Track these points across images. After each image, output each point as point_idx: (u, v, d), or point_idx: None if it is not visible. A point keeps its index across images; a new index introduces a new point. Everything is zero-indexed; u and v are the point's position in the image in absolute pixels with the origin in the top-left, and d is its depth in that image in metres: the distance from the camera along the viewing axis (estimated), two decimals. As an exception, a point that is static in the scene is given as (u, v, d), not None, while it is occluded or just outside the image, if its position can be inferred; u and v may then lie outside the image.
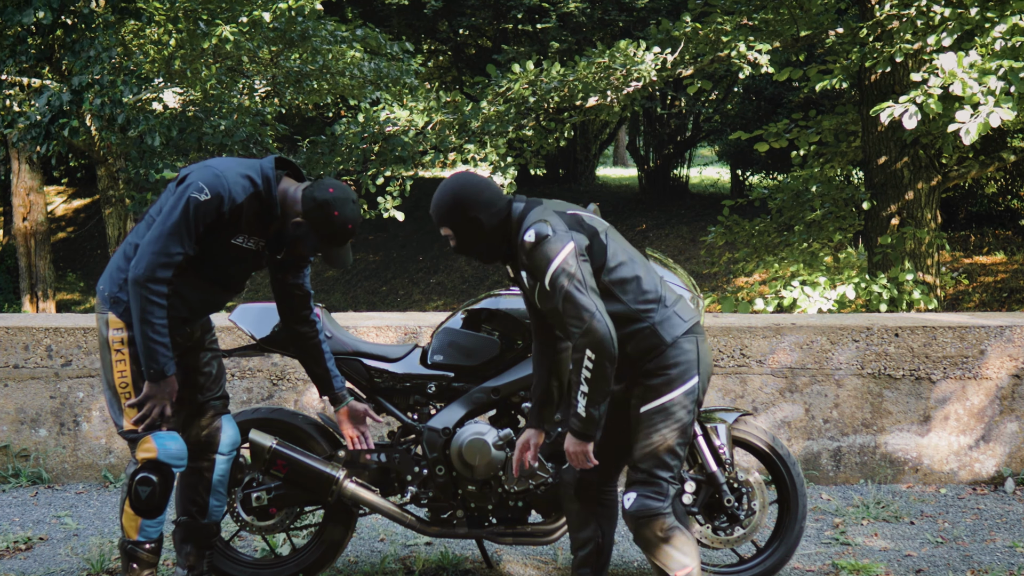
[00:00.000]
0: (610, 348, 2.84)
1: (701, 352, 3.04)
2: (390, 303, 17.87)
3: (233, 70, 12.04)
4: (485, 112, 10.25)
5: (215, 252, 3.20)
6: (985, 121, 6.76)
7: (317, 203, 3.14)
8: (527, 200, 3.07)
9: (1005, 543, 4.25)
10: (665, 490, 3.00)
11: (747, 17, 10.03)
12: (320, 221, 3.15)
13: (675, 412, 2.98)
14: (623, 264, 3.00)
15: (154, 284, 3.08)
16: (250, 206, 3.16)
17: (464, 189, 3.04)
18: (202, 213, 3.10)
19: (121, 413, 3.21)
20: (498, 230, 3.04)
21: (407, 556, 4.07)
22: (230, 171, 3.15)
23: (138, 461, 3.21)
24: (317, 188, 3.16)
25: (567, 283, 2.86)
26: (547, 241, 2.89)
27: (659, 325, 2.99)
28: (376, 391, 3.66)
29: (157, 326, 3.09)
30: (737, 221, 10.84)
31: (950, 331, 4.98)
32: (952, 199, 15.04)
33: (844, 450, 5.02)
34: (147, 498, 3.19)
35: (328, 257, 3.25)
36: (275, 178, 3.20)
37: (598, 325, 2.83)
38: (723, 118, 18.54)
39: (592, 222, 3.03)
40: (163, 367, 3.13)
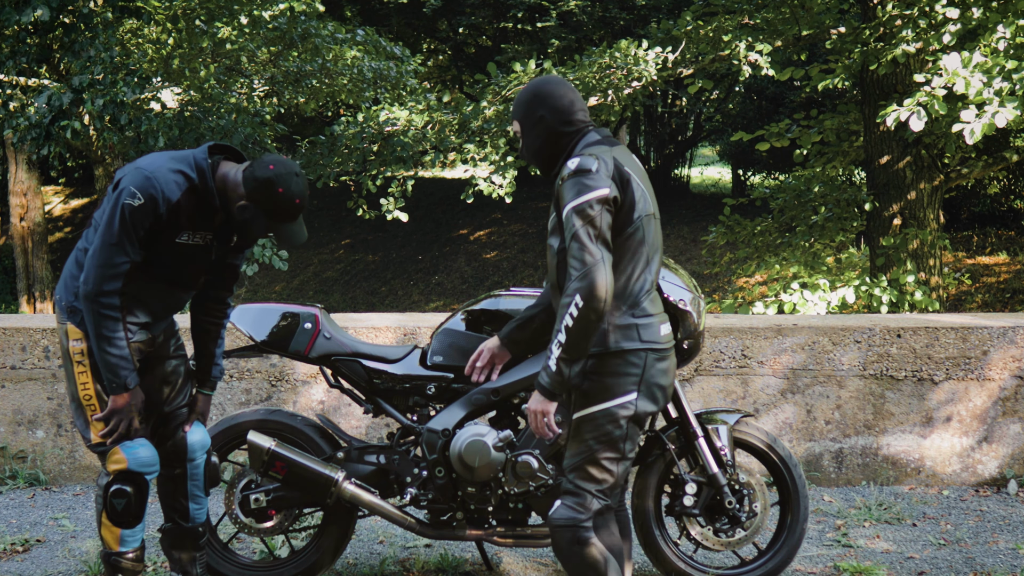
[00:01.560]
0: (600, 300, 2.67)
1: (649, 373, 2.82)
2: (389, 304, 17.85)
3: (232, 70, 12.03)
4: (485, 112, 10.22)
5: (163, 253, 3.11)
6: (990, 121, 6.74)
7: (259, 183, 3.02)
8: (606, 137, 2.89)
9: (1008, 545, 4.23)
10: (587, 503, 2.85)
11: (748, 16, 10.01)
12: (265, 201, 3.03)
13: (603, 425, 2.81)
14: (629, 251, 2.82)
15: (104, 298, 3.01)
16: (188, 201, 3.06)
17: (545, 87, 2.91)
18: (138, 218, 3.00)
19: (88, 426, 3.15)
20: (560, 142, 2.89)
21: (407, 558, 4.05)
22: (160, 170, 3.03)
23: (109, 473, 3.16)
24: (257, 167, 3.05)
25: (581, 223, 2.70)
26: (585, 176, 2.72)
27: (613, 328, 2.80)
28: (375, 392, 3.63)
29: (114, 339, 3.03)
30: (738, 221, 10.82)
31: (952, 332, 4.96)
32: (955, 199, 15.03)
33: (846, 451, 5.00)
34: (123, 510, 3.15)
35: (281, 236, 3.12)
36: (210, 167, 3.09)
37: (598, 273, 2.67)
38: (724, 118, 18.54)
39: (644, 203, 2.84)
40: (125, 380, 3.06)
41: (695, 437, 3.55)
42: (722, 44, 9.88)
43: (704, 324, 3.59)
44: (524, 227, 19.29)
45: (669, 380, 2.89)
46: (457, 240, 19.75)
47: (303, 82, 12.02)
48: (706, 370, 4.95)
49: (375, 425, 4.98)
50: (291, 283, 19.73)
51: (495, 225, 19.70)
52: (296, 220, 3.11)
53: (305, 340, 3.61)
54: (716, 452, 3.55)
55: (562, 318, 2.71)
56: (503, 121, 10.27)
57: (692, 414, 3.57)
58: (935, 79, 7.27)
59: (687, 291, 3.53)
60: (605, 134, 2.90)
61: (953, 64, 7.03)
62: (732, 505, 3.52)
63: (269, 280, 19.66)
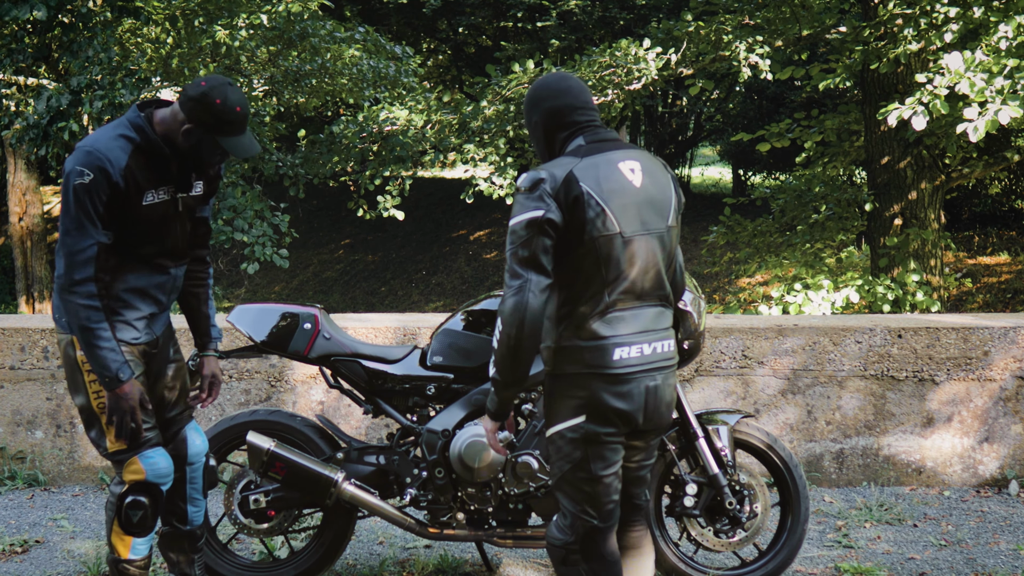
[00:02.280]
0: (520, 324, 2.58)
1: (598, 398, 2.67)
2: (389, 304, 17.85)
3: (231, 69, 12.02)
4: (485, 112, 10.21)
5: (136, 223, 3.04)
6: (993, 118, 6.73)
7: (195, 101, 2.97)
8: (592, 143, 2.74)
9: (1009, 546, 4.22)
10: (575, 526, 2.76)
11: (749, 16, 10.00)
12: (206, 116, 2.97)
13: (563, 447, 2.72)
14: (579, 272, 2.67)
15: (79, 287, 2.95)
16: (138, 162, 3.00)
17: (539, 90, 2.82)
18: (93, 194, 2.93)
19: (103, 434, 3.10)
20: (554, 145, 2.81)
21: (406, 559, 4.04)
22: (100, 141, 2.98)
23: (124, 482, 3.13)
24: (190, 89, 3.02)
25: (513, 245, 2.63)
26: (525, 195, 2.65)
27: (558, 350, 2.70)
28: (375, 393, 3.63)
29: (98, 330, 2.97)
30: (739, 221, 10.82)
31: (953, 332, 4.95)
32: (956, 199, 15.03)
33: (847, 452, 4.99)
34: (139, 521, 3.12)
35: (233, 150, 3.06)
36: (145, 119, 3.05)
37: (521, 298, 2.58)
38: (725, 117, 18.53)
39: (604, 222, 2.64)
40: (117, 372, 2.99)
41: (695, 438, 3.54)
42: (722, 44, 9.87)
43: (704, 324, 3.58)
44: (524, 227, 19.24)
45: (632, 404, 2.69)
46: (457, 240, 19.75)
47: (302, 81, 12.01)
48: (707, 370, 4.94)
49: (375, 426, 4.97)
50: (290, 283, 19.72)
51: (495, 225, 19.69)
52: (243, 132, 3.06)
53: (304, 340, 3.60)
54: (717, 453, 3.54)
55: (492, 339, 2.68)
56: (503, 121, 10.26)
57: (692, 415, 3.56)
58: (937, 78, 7.25)
59: (687, 291, 3.52)
60: (597, 137, 2.77)
61: (955, 63, 7.02)
62: (733, 506, 3.51)
63: (268, 280, 19.66)
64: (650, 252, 2.72)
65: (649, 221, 2.72)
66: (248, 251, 10.14)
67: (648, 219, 2.72)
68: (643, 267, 2.71)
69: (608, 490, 2.75)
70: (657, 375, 2.74)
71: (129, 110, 3.09)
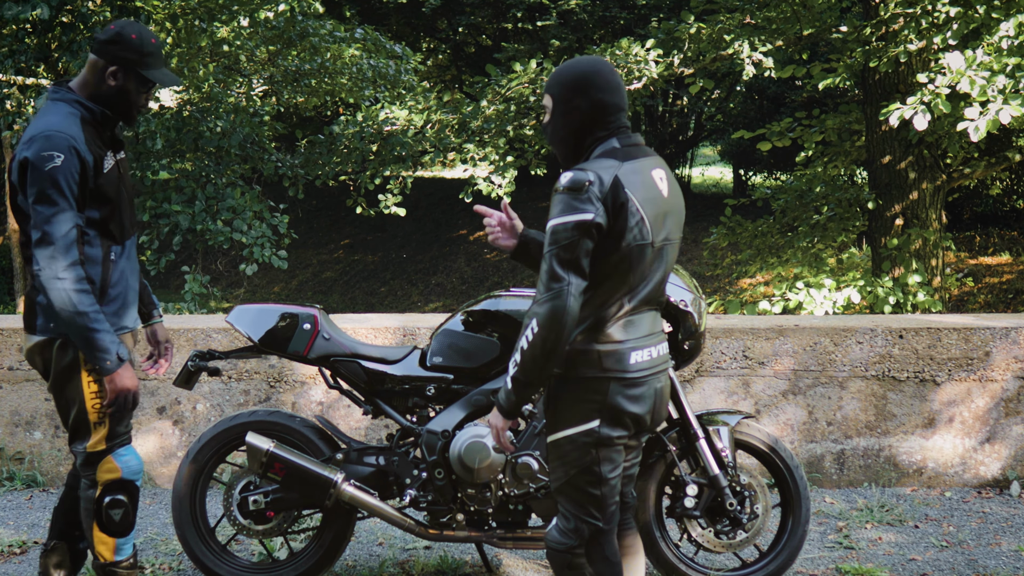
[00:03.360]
0: (558, 329, 2.54)
1: (613, 401, 2.65)
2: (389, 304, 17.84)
3: (230, 69, 12.01)
4: (485, 111, 10.20)
5: (102, 195, 3.04)
6: (995, 118, 6.72)
7: (112, 42, 3.03)
8: (627, 146, 2.68)
9: (1011, 547, 4.20)
10: (577, 528, 2.74)
11: (750, 15, 9.98)
12: (128, 52, 3.03)
13: (571, 452, 2.69)
14: (606, 278, 2.63)
15: (68, 271, 2.92)
16: (88, 131, 3.03)
17: (596, 76, 2.68)
18: (70, 174, 2.93)
19: (90, 432, 3.07)
20: (586, 140, 2.70)
21: (406, 560, 4.03)
22: (54, 123, 2.97)
23: (99, 483, 3.10)
24: (102, 36, 3.06)
25: (556, 245, 2.56)
26: (573, 195, 2.56)
27: (575, 353, 2.66)
28: (375, 393, 3.61)
29: (91, 314, 2.94)
30: (740, 222, 10.80)
31: (955, 333, 4.94)
32: (957, 200, 15.02)
33: (848, 453, 4.98)
34: (120, 519, 3.11)
35: (161, 80, 3.09)
36: (71, 92, 3.06)
37: (560, 301, 2.53)
38: (725, 117, 18.52)
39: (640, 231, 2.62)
40: (118, 351, 2.98)
41: (696, 438, 3.53)
42: (724, 44, 9.85)
43: (705, 325, 3.57)
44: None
45: (644, 407, 2.70)
46: (457, 240, 19.74)
47: (302, 81, 12.00)
48: (707, 371, 4.93)
49: (374, 426, 4.96)
50: (290, 284, 19.72)
51: (495, 225, 19.64)
52: (163, 64, 3.12)
53: (304, 341, 3.59)
54: (717, 453, 3.52)
55: (521, 337, 2.60)
56: (503, 121, 10.24)
57: (693, 415, 3.55)
58: (938, 78, 7.24)
59: (688, 292, 3.52)
60: (627, 142, 2.70)
61: (957, 63, 7.01)
62: (733, 507, 3.50)
63: (268, 281, 19.65)
64: (668, 262, 2.75)
65: (671, 232, 2.74)
66: (247, 252, 10.13)
67: (671, 229, 2.74)
68: (662, 275, 2.73)
69: (613, 492, 2.75)
70: (661, 377, 2.77)
71: (48, 95, 3.11)
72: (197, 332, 4.87)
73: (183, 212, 9.69)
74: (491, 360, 3.52)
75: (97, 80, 3.08)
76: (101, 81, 3.08)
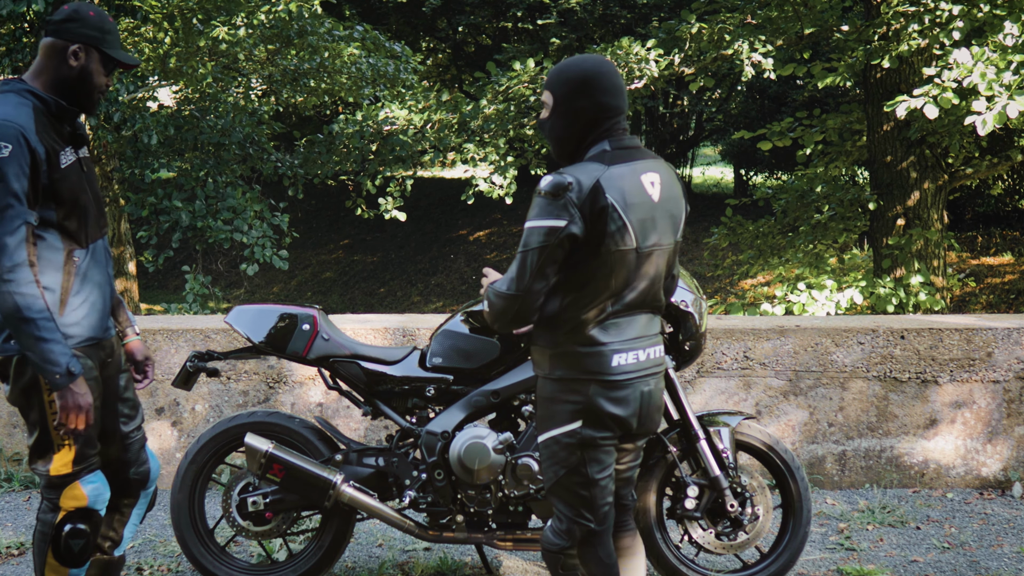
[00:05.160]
0: (508, 325, 2.66)
1: (594, 403, 2.66)
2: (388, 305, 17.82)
3: (229, 68, 12.00)
4: (485, 111, 10.18)
5: (58, 193, 2.79)
6: (1001, 112, 6.71)
7: (71, 20, 2.84)
8: (618, 148, 2.66)
9: (1013, 548, 4.19)
10: (570, 530, 2.76)
11: (751, 15, 9.96)
12: (88, 29, 2.84)
13: (557, 452, 2.71)
14: (587, 282, 2.63)
15: (14, 273, 2.67)
16: (42, 123, 2.79)
17: (600, 78, 2.66)
18: (17, 164, 2.68)
19: (52, 456, 2.84)
20: (586, 139, 2.69)
21: (405, 561, 4.01)
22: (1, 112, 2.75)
23: (61, 508, 2.87)
24: (57, 16, 2.86)
25: (528, 247, 2.60)
26: (551, 200, 2.57)
27: (556, 355, 2.69)
28: (374, 394, 3.60)
29: (40, 320, 2.67)
30: (740, 222, 10.79)
31: (957, 333, 4.92)
32: (959, 199, 14.99)
33: (849, 454, 4.96)
34: (80, 550, 2.87)
35: (124, 60, 2.92)
36: (22, 82, 2.85)
37: (515, 304, 2.61)
38: (726, 117, 18.51)
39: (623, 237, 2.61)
40: (68, 366, 2.71)
41: (697, 439, 3.52)
42: (724, 43, 9.83)
43: (706, 325, 3.56)
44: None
45: (627, 410, 2.69)
46: (457, 241, 19.72)
47: (301, 80, 11.99)
48: (708, 371, 4.91)
49: (374, 427, 4.94)
50: (289, 284, 19.70)
51: (495, 225, 19.67)
52: (120, 44, 2.95)
53: (303, 341, 3.57)
54: (718, 454, 3.51)
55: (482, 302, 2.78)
56: (503, 120, 10.22)
57: (694, 416, 3.53)
58: (945, 72, 7.22)
59: (689, 292, 3.50)
60: (622, 144, 2.68)
61: (963, 58, 7.00)
62: (734, 508, 3.48)
63: (267, 281, 19.64)
64: (658, 266, 2.72)
65: (663, 236, 2.70)
66: (248, 252, 10.11)
67: (662, 234, 2.70)
68: (650, 281, 2.70)
69: (603, 493, 2.76)
70: (650, 380, 2.75)
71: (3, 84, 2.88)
72: (196, 332, 4.85)
73: (184, 208, 9.68)
74: (491, 361, 3.50)
75: (56, 64, 2.86)
76: (61, 63, 2.85)
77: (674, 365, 3.50)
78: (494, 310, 2.67)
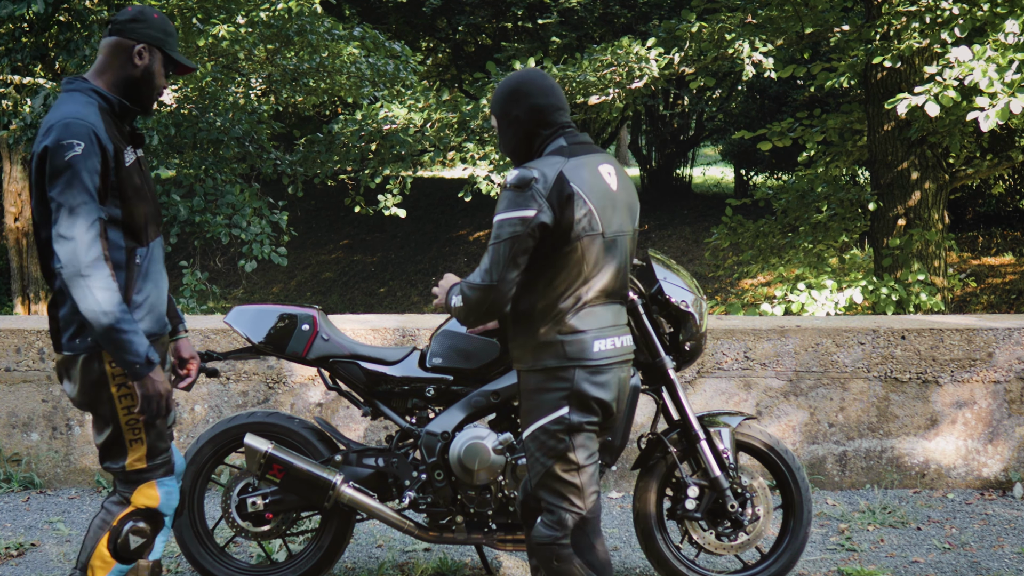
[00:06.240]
0: (481, 318, 2.78)
1: (580, 388, 2.77)
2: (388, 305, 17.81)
3: (229, 68, 11.99)
4: (484, 110, 10.17)
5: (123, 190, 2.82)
6: (1005, 108, 6.69)
7: (137, 21, 2.87)
8: (574, 143, 2.82)
9: (1013, 549, 4.18)
10: (561, 519, 2.83)
11: (751, 14, 9.95)
12: (154, 31, 2.88)
13: (546, 441, 2.80)
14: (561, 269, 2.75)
15: (93, 267, 2.69)
16: (105, 120, 2.82)
17: (524, 85, 2.85)
18: (91, 164, 2.72)
19: (126, 452, 2.86)
20: (533, 142, 2.85)
21: (405, 562, 4.01)
22: (72, 111, 2.78)
23: (127, 502, 2.90)
24: (122, 16, 2.89)
25: (499, 239, 2.72)
26: (518, 192, 2.71)
27: (538, 346, 2.78)
28: (374, 394, 3.59)
29: (119, 314, 2.70)
30: (741, 222, 10.78)
31: (957, 333, 4.91)
32: (959, 199, 14.97)
33: (850, 454, 4.95)
34: (136, 549, 2.90)
35: (185, 62, 2.97)
36: (86, 81, 2.87)
37: (489, 295, 2.73)
38: (726, 117, 18.48)
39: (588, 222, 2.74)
40: (147, 354, 2.74)
41: (697, 440, 3.51)
42: (724, 43, 9.82)
43: (706, 326, 3.55)
44: (524, 227, 19.22)
45: (610, 394, 2.81)
46: (457, 240, 19.71)
47: (300, 80, 11.98)
48: (708, 372, 4.90)
49: (374, 428, 4.93)
50: (288, 284, 19.68)
51: (495, 225, 19.62)
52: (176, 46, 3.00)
53: (303, 342, 3.56)
54: (718, 455, 3.50)
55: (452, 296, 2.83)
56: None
57: (694, 417, 3.53)
58: (946, 71, 7.21)
59: (689, 292, 3.50)
60: (574, 140, 2.84)
61: (964, 56, 6.99)
62: (735, 509, 3.48)
63: (267, 281, 19.62)
64: (622, 253, 2.87)
65: (623, 224, 2.87)
66: (246, 249, 10.10)
67: (623, 222, 2.86)
68: (616, 267, 2.84)
69: (592, 480, 2.86)
70: (624, 367, 2.89)
71: (63, 85, 2.91)
72: (195, 333, 4.84)
73: (182, 202, 9.67)
74: (491, 361, 3.49)
75: (121, 63, 2.89)
76: (126, 63, 2.88)
77: (674, 365, 3.49)
78: (468, 304, 2.78)
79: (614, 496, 4.86)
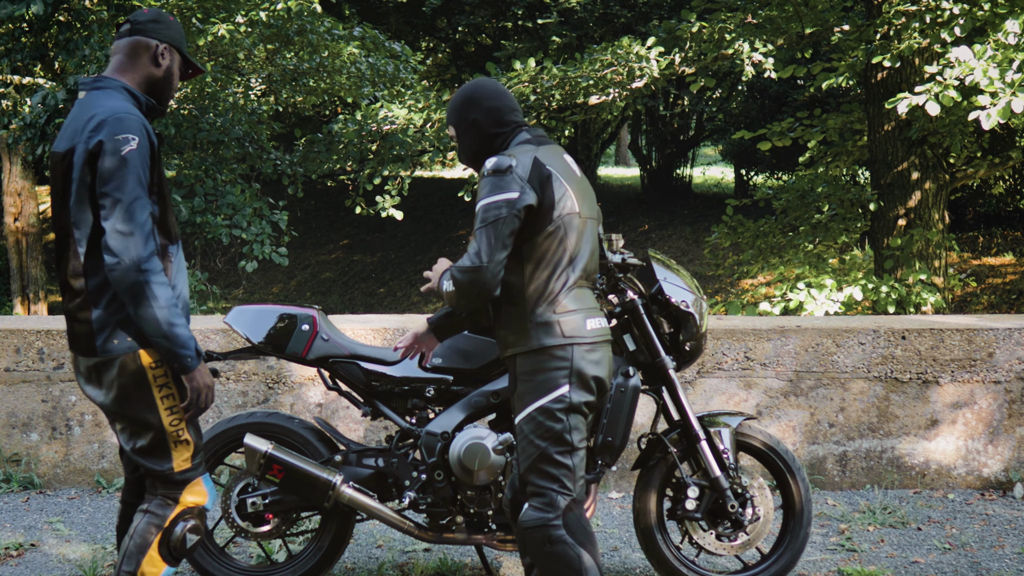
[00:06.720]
0: (473, 301, 2.85)
1: (579, 365, 2.87)
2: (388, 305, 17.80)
3: (228, 68, 11.99)
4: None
5: (162, 190, 2.85)
6: (1006, 106, 6.69)
7: (157, 22, 2.90)
8: (536, 136, 2.98)
9: (1014, 549, 4.18)
10: (553, 500, 2.89)
11: (751, 14, 9.94)
12: (174, 32, 2.93)
13: (544, 422, 2.88)
14: (548, 250, 2.87)
15: (148, 263, 2.69)
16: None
17: (477, 91, 3.01)
18: (145, 158, 2.74)
19: (171, 454, 2.84)
20: (493, 143, 2.99)
21: (405, 562, 4.00)
22: (120, 107, 2.77)
23: (174, 502, 2.87)
24: (142, 16, 2.92)
25: (486, 222, 2.81)
26: (499, 176, 2.83)
27: (535, 326, 2.88)
28: (374, 395, 3.59)
29: (172, 308, 2.72)
30: (741, 222, 10.77)
31: (958, 333, 4.90)
32: (960, 199, 14.96)
33: (850, 455, 4.94)
34: (191, 548, 2.89)
35: (201, 65, 3.02)
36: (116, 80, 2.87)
37: (480, 276, 2.80)
38: (727, 117, 18.47)
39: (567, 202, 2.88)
40: (196, 347, 2.78)
41: (697, 440, 3.50)
42: (725, 43, 9.81)
43: (706, 326, 3.54)
44: (525, 227, 19.22)
45: (604, 371, 2.94)
46: (456, 241, 19.70)
47: (300, 80, 11.98)
48: (708, 372, 4.89)
49: (373, 428, 4.93)
50: (288, 284, 19.68)
51: (495, 225, 19.60)
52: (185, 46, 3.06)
53: (303, 342, 3.56)
54: (718, 455, 3.50)
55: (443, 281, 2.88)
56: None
57: (694, 417, 3.52)
58: (947, 71, 7.21)
59: (689, 292, 3.49)
60: (536, 133, 2.99)
61: (965, 55, 6.98)
62: (735, 509, 3.47)
63: (266, 281, 19.62)
64: (594, 235, 3.02)
65: (591, 208, 3.02)
66: (247, 249, 10.10)
67: (591, 206, 3.03)
68: (591, 249, 2.99)
69: (583, 463, 2.95)
70: (608, 345, 3.00)
71: (89, 84, 2.88)
72: (195, 333, 4.83)
73: (183, 203, 9.67)
74: (491, 362, 3.49)
75: (144, 63, 2.90)
76: (149, 63, 2.90)
77: (674, 365, 3.49)
78: (460, 287, 2.84)
79: (614, 496, 4.85)
